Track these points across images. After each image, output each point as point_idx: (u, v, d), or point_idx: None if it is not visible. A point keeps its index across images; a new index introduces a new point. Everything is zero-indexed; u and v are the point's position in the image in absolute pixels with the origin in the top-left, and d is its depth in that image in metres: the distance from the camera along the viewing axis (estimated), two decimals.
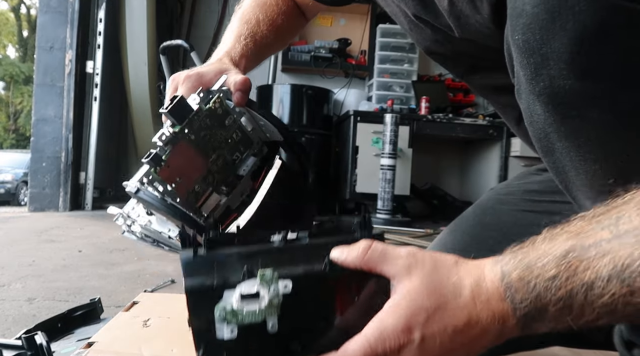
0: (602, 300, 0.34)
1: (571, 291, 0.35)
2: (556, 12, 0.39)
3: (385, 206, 3.33)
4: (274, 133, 0.69)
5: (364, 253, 0.43)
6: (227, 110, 0.65)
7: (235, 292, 0.42)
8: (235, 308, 0.42)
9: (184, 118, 0.60)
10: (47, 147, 3.38)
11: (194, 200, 0.62)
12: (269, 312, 0.42)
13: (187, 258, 0.44)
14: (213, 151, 0.64)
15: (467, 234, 0.73)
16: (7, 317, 1.10)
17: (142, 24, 3.70)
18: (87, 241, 2.21)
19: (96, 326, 0.82)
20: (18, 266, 1.63)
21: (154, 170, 0.58)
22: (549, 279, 0.36)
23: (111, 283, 1.44)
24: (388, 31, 4.17)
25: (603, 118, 0.41)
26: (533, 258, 0.38)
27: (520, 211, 0.71)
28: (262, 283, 0.43)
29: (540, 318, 0.38)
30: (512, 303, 0.39)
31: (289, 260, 0.45)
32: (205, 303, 0.42)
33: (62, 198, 3.37)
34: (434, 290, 0.40)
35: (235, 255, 0.45)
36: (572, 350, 0.89)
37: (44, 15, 3.43)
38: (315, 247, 0.46)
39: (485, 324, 0.39)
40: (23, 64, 18.86)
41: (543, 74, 0.42)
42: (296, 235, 0.47)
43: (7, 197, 8.88)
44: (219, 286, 0.43)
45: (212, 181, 0.64)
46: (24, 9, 20.22)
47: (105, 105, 3.64)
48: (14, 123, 19.06)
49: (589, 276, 0.34)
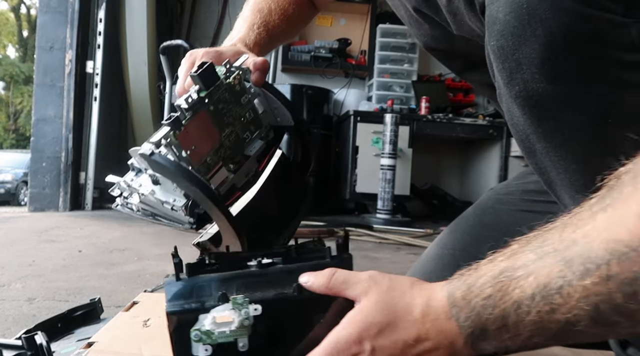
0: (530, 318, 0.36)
1: (504, 310, 0.37)
2: (525, 20, 0.41)
3: (385, 206, 3.33)
4: (285, 117, 0.69)
5: (328, 280, 0.48)
6: (245, 88, 0.65)
7: (209, 315, 0.48)
8: (209, 330, 0.47)
9: (210, 85, 0.60)
10: (47, 147, 3.38)
11: (205, 172, 0.61)
12: (239, 333, 0.47)
13: (170, 282, 0.51)
14: (227, 126, 0.64)
15: (467, 234, 0.73)
16: (7, 317, 1.10)
17: (142, 24, 3.70)
18: (87, 241, 2.21)
19: (96, 326, 0.82)
20: (18, 266, 1.63)
21: (173, 134, 0.58)
22: (486, 298, 0.39)
23: (111, 283, 1.44)
24: (388, 31, 4.17)
25: (576, 120, 0.43)
26: (474, 279, 0.41)
27: (519, 211, 0.72)
28: (234, 307, 0.48)
29: (485, 337, 0.39)
30: (458, 322, 0.41)
31: (262, 284, 0.50)
32: (183, 325, 0.48)
33: (62, 198, 3.38)
34: (386, 307, 0.44)
35: (213, 280, 0.51)
36: (572, 350, 0.89)
37: (44, 15, 3.43)
38: (287, 272, 0.51)
39: (436, 341, 0.42)
40: (23, 64, 18.86)
41: (517, 78, 0.43)
42: (272, 260, 0.53)
43: (7, 197, 8.88)
44: (195, 310, 0.48)
45: (223, 155, 0.64)
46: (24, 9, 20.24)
47: (105, 105, 3.64)
48: (14, 123, 19.07)
49: (518, 295, 0.36)
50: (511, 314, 0.37)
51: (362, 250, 2.40)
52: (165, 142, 0.58)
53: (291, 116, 0.69)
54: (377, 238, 2.76)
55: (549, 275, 0.35)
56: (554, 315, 0.34)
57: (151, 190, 0.60)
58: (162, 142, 0.58)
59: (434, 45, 0.68)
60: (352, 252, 0.57)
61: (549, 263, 0.35)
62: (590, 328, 0.34)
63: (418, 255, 0.84)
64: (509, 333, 0.38)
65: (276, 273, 0.51)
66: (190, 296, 0.50)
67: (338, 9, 4.41)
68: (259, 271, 0.51)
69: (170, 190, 0.60)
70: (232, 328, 0.47)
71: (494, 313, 0.38)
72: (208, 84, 0.60)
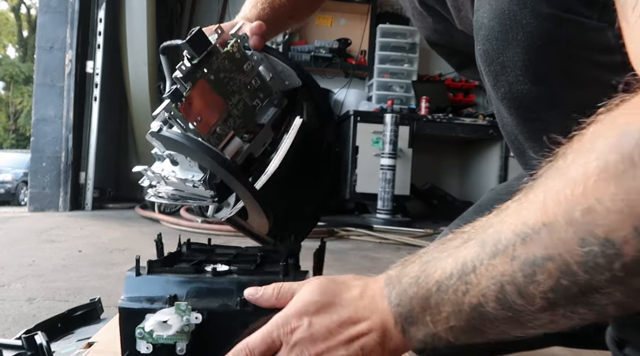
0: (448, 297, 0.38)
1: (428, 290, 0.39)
2: (507, 25, 0.43)
3: (385, 206, 3.33)
4: (292, 78, 0.68)
5: (276, 293, 0.50)
6: (245, 55, 0.64)
7: (154, 316, 0.51)
8: (151, 330, 0.50)
9: (202, 51, 0.60)
10: (47, 147, 3.38)
11: (216, 142, 0.61)
12: (178, 338, 0.50)
13: (130, 277, 0.55)
14: (233, 95, 0.63)
15: None
16: (7, 317, 1.10)
17: (142, 24, 3.70)
18: (87, 241, 2.21)
19: (96, 326, 0.82)
20: (18, 266, 1.63)
21: (175, 106, 0.58)
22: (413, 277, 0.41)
23: (111, 283, 1.44)
24: (388, 31, 4.17)
25: (559, 120, 0.43)
26: (409, 262, 0.43)
27: None
28: (177, 313, 0.50)
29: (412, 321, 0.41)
30: (389, 300, 0.43)
31: (211, 292, 0.53)
32: (131, 321, 0.51)
33: (62, 198, 3.37)
34: (327, 290, 0.46)
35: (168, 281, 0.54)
36: (572, 350, 0.89)
37: (44, 15, 3.43)
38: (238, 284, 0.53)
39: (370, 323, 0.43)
40: (23, 63, 18.85)
41: (503, 80, 0.45)
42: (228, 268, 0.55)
43: (7, 197, 8.88)
44: (144, 309, 0.52)
45: (234, 125, 0.63)
46: (24, 9, 20.24)
47: (105, 105, 3.64)
48: (14, 123, 19.06)
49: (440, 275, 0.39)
50: (433, 294, 0.39)
51: (362, 250, 2.40)
52: (167, 114, 0.58)
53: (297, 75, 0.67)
54: (377, 238, 2.76)
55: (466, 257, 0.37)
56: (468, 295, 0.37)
57: (172, 171, 0.60)
58: (165, 116, 0.58)
59: (436, 39, 0.68)
60: (352, 251, 0.58)
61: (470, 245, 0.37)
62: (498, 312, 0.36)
63: None
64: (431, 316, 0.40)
65: (227, 284, 0.54)
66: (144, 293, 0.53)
67: (338, 9, 4.41)
68: (212, 279, 0.54)
69: (188, 166, 0.60)
70: (170, 333, 0.50)
71: (418, 293, 0.40)
72: (199, 49, 0.60)
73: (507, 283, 0.34)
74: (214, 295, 0.53)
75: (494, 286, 0.35)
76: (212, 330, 0.52)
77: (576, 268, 0.31)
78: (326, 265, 0.67)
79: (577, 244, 0.31)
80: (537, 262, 0.33)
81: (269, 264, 0.61)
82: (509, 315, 0.36)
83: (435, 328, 0.40)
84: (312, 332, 0.44)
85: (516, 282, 0.34)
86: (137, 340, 0.51)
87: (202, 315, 0.51)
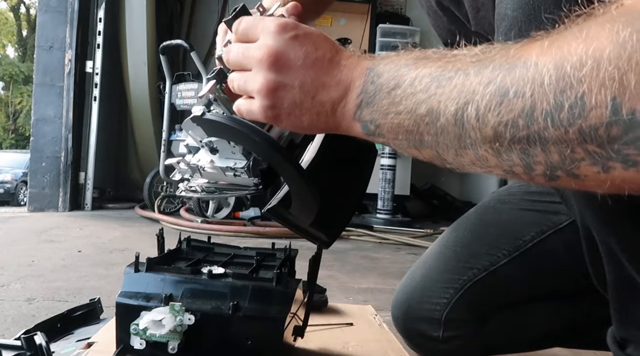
0: (415, 93, 0.39)
1: (403, 81, 0.40)
2: (531, 15, 0.42)
3: (385, 206, 3.33)
4: None
5: None
6: None
7: (149, 314, 0.52)
8: (145, 328, 0.51)
9: None
10: (46, 147, 3.38)
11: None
12: (171, 337, 0.51)
13: (129, 273, 0.56)
14: None
15: (468, 231, 0.74)
16: (6, 317, 1.10)
17: (142, 24, 3.70)
18: (86, 241, 2.20)
19: (96, 327, 0.82)
20: (18, 266, 1.62)
21: (220, 87, 0.54)
22: (396, 64, 0.41)
23: (111, 283, 1.44)
24: (388, 31, 4.17)
25: None
26: (403, 51, 0.43)
27: (520, 210, 0.72)
28: (171, 313, 0.51)
29: (372, 101, 0.42)
30: (371, 69, 0.43)
31: (205, 294, 0.54)
32: (127, 317, 0.53)
33: (61, 198, 3.37)
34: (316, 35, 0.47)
35: (165, 280, 0.55)
36: (572, 350, 0.89)
37: (43, 14, 3.42)
38: (232, 288, 0.54)
39: (340, 77, 0.44)
40: (22, 63, 18.85)
41: None
42: (224, 271, 0.56)
43: (6, 197, 8.88)
44: (139, 307, 0.53)
45: None
46: (24, 8, 20.23)
47: (105, 105, 3.64)
48: (13, 123, 19.06)
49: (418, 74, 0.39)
50: (403, 85, 0.40)
51: (362, 250, 2.40)
52: (212, 96, 0.55)
53: None
54: (377, 238, 2.76)
55: (450, 67, 0.38)
56: (432, 98, 0.38)
57: (210, 160, 0.57)
58: (209, 98, 0.55)
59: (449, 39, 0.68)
60: (352, 251, 0.58)
61: (459, 58, 0.38)
62: (447, 123, 0.37)
63: (418, 255, 0.84)
64: (390, 104, 0.41)
65: (221, 287, 0.55)
66: (142, 290, 0.55)
67: (338, 9, 4.41)
68: (207, 282, 0.55)
69: (229, 153, 0.57)
70: (163, 332, 0.51)
71: (393, 80, 0.41)
72: None
73: (472, 102, 0.35)
74: (208, 297, 0.54)
75: (459, 100, 0.36)
76: (204, 331, 0.53)
77: (538, 113, 0.32)
78: (326, 265, 0.68)
79: (553, 93, 0.32)
80: (509, 93, 0.34)
81: (265, 269, 0.62)
82: (454, 131, 0.37)
83: (384, 119, 0.41)
84: (285, 41, 0.45)
85: (480, 104, 0.35)
86: (132, 336, 0.52)
87: (195, 316, 0.52)
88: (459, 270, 0.71)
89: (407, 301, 0.75)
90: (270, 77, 0.45)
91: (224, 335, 0.53)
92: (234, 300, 0.53)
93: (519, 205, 0.73)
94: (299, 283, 0.58)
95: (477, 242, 0.72)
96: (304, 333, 0.65)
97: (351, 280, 1.69)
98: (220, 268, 0.58)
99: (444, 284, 0.71)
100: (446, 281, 0.71)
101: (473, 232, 0.73)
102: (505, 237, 0.70)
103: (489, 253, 0.70)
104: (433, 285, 0.72)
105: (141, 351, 0.53)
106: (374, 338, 0.79)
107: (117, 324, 0.54)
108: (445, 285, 0.71)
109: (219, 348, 0.54)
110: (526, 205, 0.72)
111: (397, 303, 0.77)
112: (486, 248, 0.70)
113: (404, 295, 0.76)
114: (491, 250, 0.69)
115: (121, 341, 0.54)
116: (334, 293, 1.42)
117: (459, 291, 0.70)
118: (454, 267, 0.71)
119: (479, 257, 0.70)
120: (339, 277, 1.72)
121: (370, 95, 0.42)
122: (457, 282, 0.70)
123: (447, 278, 0.71)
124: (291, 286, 0.56)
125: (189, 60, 3.84)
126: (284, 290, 0.56)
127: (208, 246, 0.71)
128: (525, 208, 0.72)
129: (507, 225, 0.72)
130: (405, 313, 0.75)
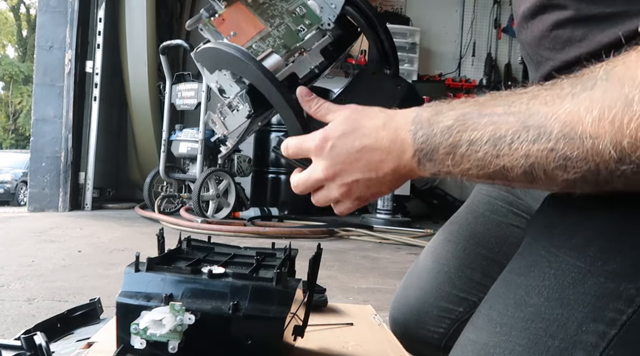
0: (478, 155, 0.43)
1: (459, 141, 0.44)
2: None
3: (385, 206, 3.33)
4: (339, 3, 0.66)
5: (316, 107, 0.56)
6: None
7: (149, 314, 0.52)
8: (146, 328, 0.51)
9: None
10: (46, 146, 3.38)
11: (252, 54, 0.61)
12: (171, 336, 0.52)
13: (129, 273, 0.56)
14: (273, 18, 0.64)
15: (460, 249, 0.72)
16: (6, 317, 1.10)
17: (142, 24, 3.70)
18: (86, 241, 2.20)
19: (96, 327, 0.82)
20: (18, 266, 1.62)
21: (208, 19, 0.59)
22: (446, 127, 0.45)
23: (111, 283, 1.44)
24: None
25: None
26: (444, 109, 0.46)
27: (508, 225, 0.71)
28: (171, 312, 0.52)
29: (431, 158, 0.46)
30: (414, 136, 0.47)
31: (206, 294, 0.55)
32: (127, 317, 0.53)
33: (61, 198, 3.37)
34: (353, 119, 0.51)
35: (165, 279, 0.56)
36: None
37: (43, 14, 3.43)
38: (232, 288, 0.55)
39: (388, 149, 0.48)
40: (22, 63, 18.85)
41: None
42: (224, 271, 0.57)
43: (6, 197, 8.87)
44: (139, 306, 0.54)
45: (273, 43, 0.63)
46: (24, 8, 20.23)
47: (105, 105, 3.65)
48: (13, 123, 19.06)
49: (475, 135, 0.43)
50: (463, 146, 0.43)
51: (362, 250, 2.40)
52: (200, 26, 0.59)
53: None
54: (377, 238, 2.76)
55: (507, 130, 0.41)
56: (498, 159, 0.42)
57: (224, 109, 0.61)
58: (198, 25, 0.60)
59: None
60: (352, 251, 0.59)
61: (511, 121, 0.41)
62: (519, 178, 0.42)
63: (418, 255, 0.84)
64: (453, 161, 0.44)
65: (221, 287, 0.55)
66: (142, 290, 0.55)
67: None
68: (207, 281, 0.56)
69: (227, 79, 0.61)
70: (164, 332, 0.51)
71: (448, 140, 0.44)
72: None
73: (538, 165, 0.40)
74: (208, 297, 0.55)
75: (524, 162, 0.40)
76: (204, 331, 0.53)
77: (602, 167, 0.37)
78: (326, 265, 0.68)
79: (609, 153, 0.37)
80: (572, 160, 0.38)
81: (265, 269, 0.62)
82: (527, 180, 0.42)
83: (452, 169, 0.45)
84: (333, 155, 0.50)
85: (547, 167, 0.40)
86: (132, 335, 0.52)
87: (195, 316, 0.52)
88: (454, 299, 0.70)
89: (404, 324, 0.75)
90: (342, 190, 0.52)
91: (224, 335, 0.54)
92: (234, 300, 0.53)
93: (507, 217, 0.71)
94: (299, 283, 0.58)
95: (469, 266, 0.71)
96: (304, 332, 0.65)
97: (351, 280, 1.69)
98: (221, 268, 0.58)
99: (440, 312, 0.71)
100: (442, 309, 0.71)
101: (466, 250, 0.72)
102: (496, 264, 0.69)
103: (482, 283, 0.68)
104: (430, 310, 0.72)
105: (141, 350, 0.53)
106: (373, 338, 0.79)
107: (118, 324, 0.54)
108: (441, 314, 0.71)
109: (219, 348, 0.54)
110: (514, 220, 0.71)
111: (395, 322, 0.77)
112: (479, 277, 0.69)
113: (401, 316, 0.75)
114: (484, 279, 0.68)
115: (121, 340, 0.54)
116: (334, 293, 1.42)
117: (456, 323, 0.70)
118: (448, 294, 0.70)
119: (473, 285, 0.70)
120: (339, 277, 1.72)
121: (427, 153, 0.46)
122: (453, 313, 0.70)
123: (442, 306, 0.71)
124: (291, 286, 0.56)
125: (189, 60, 3.84)
126: (284, 289, 0.56)
127: (208, 246, 0.71)
128: (512, 224, 0.71)
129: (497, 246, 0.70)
130: (404, 333, 0.75)
